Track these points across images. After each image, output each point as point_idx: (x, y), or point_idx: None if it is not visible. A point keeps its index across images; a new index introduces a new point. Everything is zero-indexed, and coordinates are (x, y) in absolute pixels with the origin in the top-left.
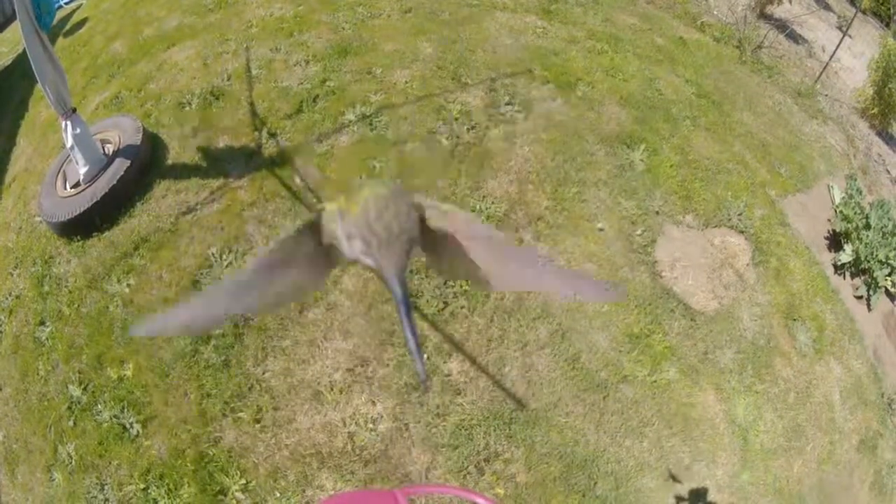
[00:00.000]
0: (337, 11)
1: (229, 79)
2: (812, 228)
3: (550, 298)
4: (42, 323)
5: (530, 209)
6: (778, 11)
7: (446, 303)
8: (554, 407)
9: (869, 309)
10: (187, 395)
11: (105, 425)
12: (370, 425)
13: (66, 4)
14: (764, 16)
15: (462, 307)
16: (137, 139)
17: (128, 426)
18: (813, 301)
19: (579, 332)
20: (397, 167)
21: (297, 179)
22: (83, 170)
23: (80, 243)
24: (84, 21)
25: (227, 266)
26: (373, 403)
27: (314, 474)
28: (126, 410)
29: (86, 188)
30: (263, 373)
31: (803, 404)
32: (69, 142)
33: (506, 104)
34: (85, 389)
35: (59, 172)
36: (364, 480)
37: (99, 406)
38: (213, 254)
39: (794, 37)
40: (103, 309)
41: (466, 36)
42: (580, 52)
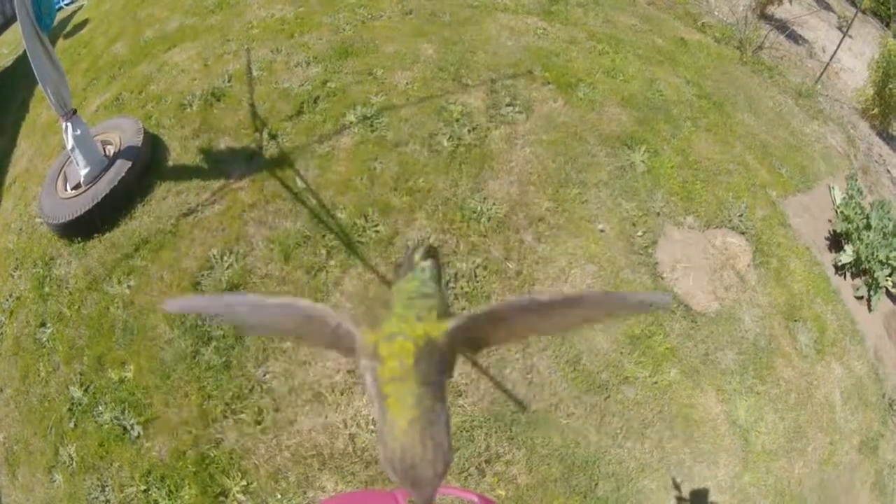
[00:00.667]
0: (338, 13)
1: (230, 80)
2: (813, 229)
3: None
4: (43, 324)
5: (531, 210)
6: (778, 12)
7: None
8: (555, 408)
9: (870, 309)
10: (188, 397)
11: (106, 427)
12: (371, 427)
13: (67, 6)
14: (764, 16)
15: (463, 308)
16: (138, 140)
17: (129, 427)
18: (814, 302)
19: (580, 334)
20: None
21: (299, 181)
22: (84, 171)
23: (81, 245)
24: (85, 22)
25: (228, 268)
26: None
27: (315, 475)
28: (127, 412)
29: (86, 189)
30: (264, 374)
31: (804, 405)
32: (70, 143)
33: (507, 105)
34: (86, 391)
35: (60, 174)
36: (365, 482)
37: (100, 407)
38: (214, 255)
39: (795, 37)
40: (104, 310)
41: (467, 37)
42: (581, 53)
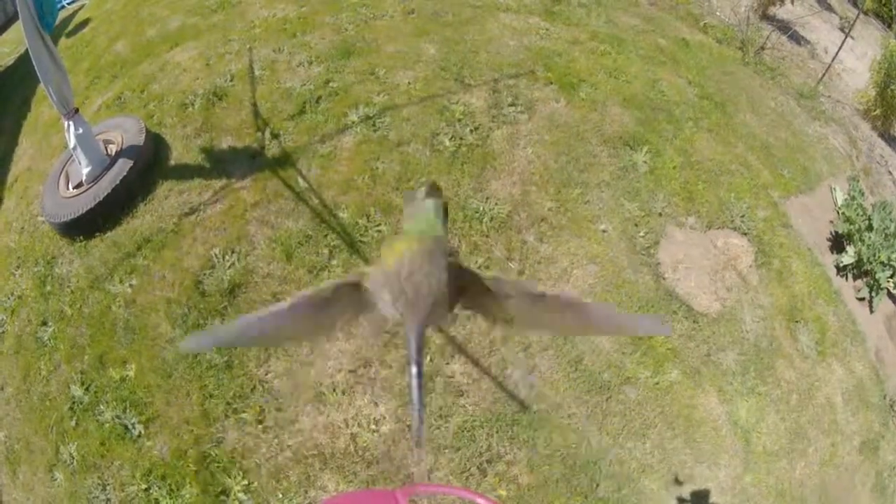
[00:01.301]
0: (340, 12)
1: (232, 79)
2: (814, 230)
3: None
4: (44, 323)
5: (533, 210)
6: (780, 13)
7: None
8: (556, 408)
9: (871, 311)
10: (189, 396)
11: (107, 425)
12: (372, 426)
13: (69, 5)
14: (766, 17)
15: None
16: (140, 140)
17: (130, 426)
18: (815, 303)
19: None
20: None
21: (301, 181)
22: (86, 170)
23: (83, 243)
24: (87, 21)
25: (230, 267)
26: (375, 404)
27: (316, 475)
28: (128, 411)
29: (88, 188)
30: (266, 374)
31: (805, 406)
32: (72, 142)
33: (509, 105)
34: (87, 390)
35: (62, 173)
36: (366, 481)
37: (101, 406)
38: (216, 254)
39: (797, 38)
40: (106, 309)
41: (469, 37)
42: (583, 54)
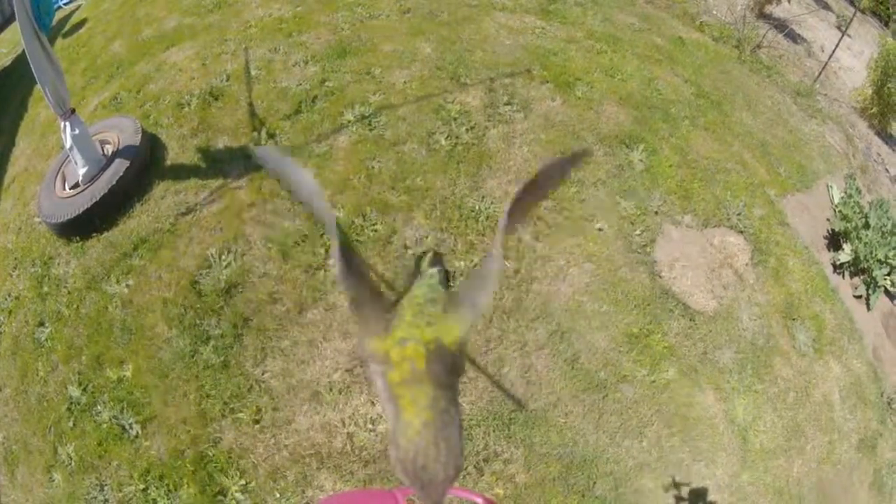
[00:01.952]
0: (336, 12)
1: (228, 79)
2: (811, 228)
3: (550, 298)
4: (41, 324)
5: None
6: (777, 11)
7: None
8: (553, 407)
9: (868, 308)
10: (187, 396)
11: (104, 426)
12: (369, 426)
13: (66, 5)
14: (763, 15)
15: None
16: (136, 140)
17: (127, 427)
18: (812, 301)
19: (578, 333)
20: None
21: None
22: (82, 170)
23: (80, 244)
24: (83, 22)
25: (226, 267)
26: (372, 404)
27: (313, 474)
28: (125, 411)
29: (85, 189)
30: (262, 373)
31: (803, 404)
32: (68, 142)
33: (505, 104)
34: (84, 390)
35: (59, 173)
36: (363, 480)
37: (98, 407)
38: (213, 254)
39: (794, 36)
40: (102, 309)
41: (465, 36)
42: (579, 52)
